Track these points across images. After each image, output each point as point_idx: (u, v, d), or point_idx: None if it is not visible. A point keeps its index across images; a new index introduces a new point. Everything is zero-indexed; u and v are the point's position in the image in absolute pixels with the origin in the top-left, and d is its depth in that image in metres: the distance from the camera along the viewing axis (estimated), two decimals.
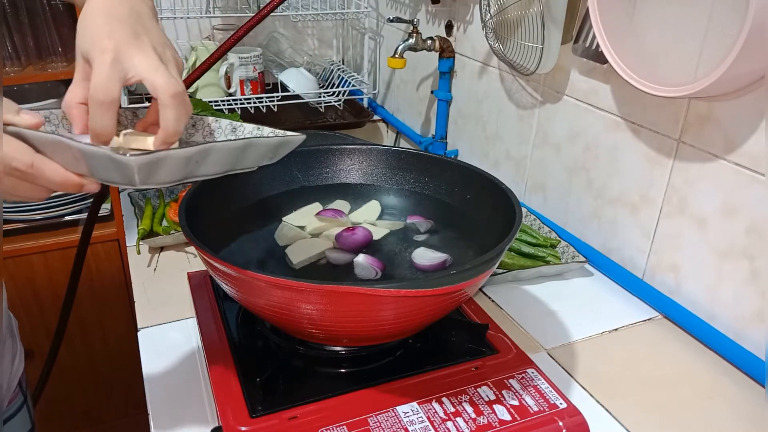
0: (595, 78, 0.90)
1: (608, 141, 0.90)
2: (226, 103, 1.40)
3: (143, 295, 0.85)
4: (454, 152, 1.30)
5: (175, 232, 0.96)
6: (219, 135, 0.61)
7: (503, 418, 0.59)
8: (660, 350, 0.78)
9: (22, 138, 0.46)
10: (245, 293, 0.59)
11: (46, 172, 0.46)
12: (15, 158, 0.45)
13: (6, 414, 0.77)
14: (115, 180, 0.46)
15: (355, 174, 0.84)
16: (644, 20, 0.76)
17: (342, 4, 1.54)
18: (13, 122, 0.46)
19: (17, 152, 0.45)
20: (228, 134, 0.61)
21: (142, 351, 0.74)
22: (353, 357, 0.67)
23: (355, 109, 1.58)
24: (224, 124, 0.62)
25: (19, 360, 0.78)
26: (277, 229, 0.76)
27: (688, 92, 0.67)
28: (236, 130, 0.61)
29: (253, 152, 0.54)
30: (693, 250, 0.79)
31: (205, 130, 0.62)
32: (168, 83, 0.48)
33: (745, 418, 0.67)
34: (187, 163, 0.48)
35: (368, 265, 0.68)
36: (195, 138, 0.62)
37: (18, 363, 0.78)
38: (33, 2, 1.27)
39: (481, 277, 0.57)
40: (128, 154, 0.44)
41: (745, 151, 0.71)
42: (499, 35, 1.01)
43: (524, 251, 0.92)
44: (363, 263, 0.69)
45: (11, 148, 0.45)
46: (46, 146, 0.46)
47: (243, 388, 0.61)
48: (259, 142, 0.53)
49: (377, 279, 0.68)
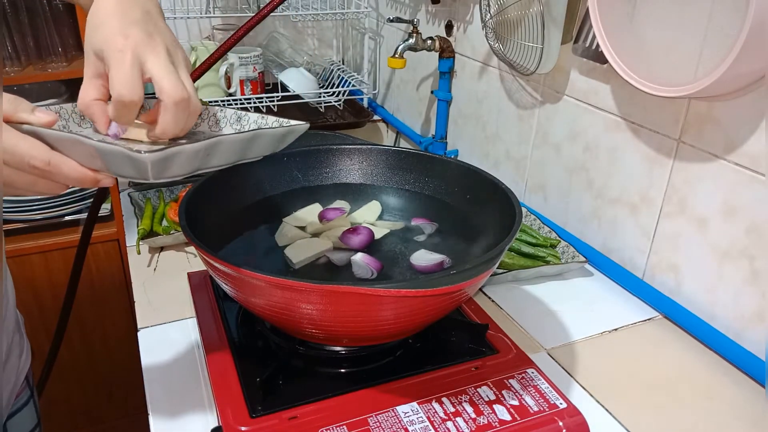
0: (595, 78, 0.90)
1: (608, 141, 0.90)
2: (226, 103, 1.40)
3: (143, 295, 0.85)
4: (454, 152, 1.30)
5: (175, 232, 0.96)
6: (224, 124, 0.62)
7: (503, 418, 0.59)
8: (660, 350, 0.78)
9: (38, 136, 0.46)
10: (245, 293, 0.59)
11: (64, 169, 0.47)
12: (33, 156, 0.45)
13: (14, 407, 0.78)
14: (130, 174, 0.47)
15: (355, 174, 0.84)
16: (644, 20, 0.76)
17: (342, 4, 1.54)
18: (29, 121, 0.47)
19: (34, 150, 0.46)
20: (233, 123, 0.62)
21: (142, 351, 0.74)
22: (353, 357, 0.67)
23: (355, 109, 1.58)
24: (229, 113, 0.62)
25: (26, 355, 0.80)
26: (278, 229, 0.76)
27: (688, 92, 0.67)
28: (241, 119, 0.62)
29: (260, 143, 0.55)
30: (693, 250, 0.79)
31: (210, 119, 0.62)
32: (174, 89, 0.49)
33: (745, 418, 0.67)
34: (197, 156, 0.49)
35: (365, 264, 0.68)
36: (201, 128, 0.62)
37: (25, 358, 0.79)
38: (33, 2, 1.27)
39: (481, 277, 0.57)
40: (142, 151, 0.45)
41: (745, 151, 0.71)
42: (499, 35, 1.01)
43: (524, 251, 0.92)
44: (360, 262, 0.69)
45: (28, 146, 0.45)
46: (62, 144, 0.47)
47: (243, 388, 0.61)
48: (265, 133, 0.55)
49: (373, 279, 0.68)
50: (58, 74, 1.29)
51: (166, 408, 0.65)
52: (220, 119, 0.62)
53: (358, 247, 0.73)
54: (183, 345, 0.75)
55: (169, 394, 0.67)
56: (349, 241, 0.73)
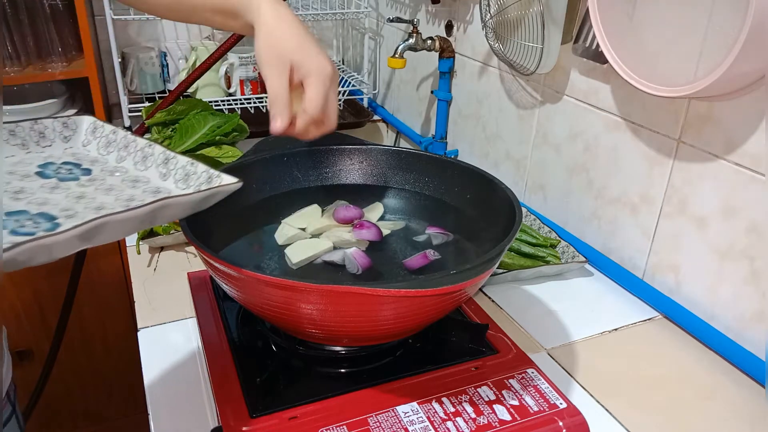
0: (595, 78, 0.90)
1: (608, 141, 0.90)
2: (226, 103, 1.40)
3: (143, 295, 0.85)
4: (454, 152, 1.30)
5: (175, 232, 0.96)
6: (150, 164, 0.59)
7: (503, 418, 0.59)
8: (660, 350, 0.78)
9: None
10: (245, 293, 0.59)
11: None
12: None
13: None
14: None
15: (355, 174, 0.84)
16: (644, 20, 0.76)
17: (342, 4, 1.54)
18: None
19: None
20: (159, 165, 0.58)
21: (142, 351, 0.74)
22: (353, 357, 0.67)
23: (355, 109, 1.58)
24: (158, 152, 0.58)
25: (7, 368, 0.76)
26: (278, 229, 0.76)
27: (688, 92, 0.67)
28: (168, 162, 0.58)
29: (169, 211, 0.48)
30: (693, 250, 0.79)
31: (137, 155, 0.59)
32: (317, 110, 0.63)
33: (745, 418, 0.67)
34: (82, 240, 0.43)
35: (352, 259, 0.68)
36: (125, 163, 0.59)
37: (6, 371, 0.75)
38: (33, 2, 1.27)
39: (481, 277, 0.57)
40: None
41: (745, 151, 0.71)
42: (499, 35, 1.01)
43: (524, 251, 0.92)
44: (349, 256, 0.68)
45: None
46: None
47: (243, 388, 0.61)
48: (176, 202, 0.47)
49: (359, 275, 0.68)
50: (58, 74, 1.29)
51: (166, 408, 0.65)
52: (147, 156, 0.59)
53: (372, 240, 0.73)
54: (183, 345, 0.75)
55: (169, 394, 0.67)
56: (363, 236, 0.73)
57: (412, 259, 0.70)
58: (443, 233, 0.75)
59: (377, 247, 0.73)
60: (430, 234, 0.75)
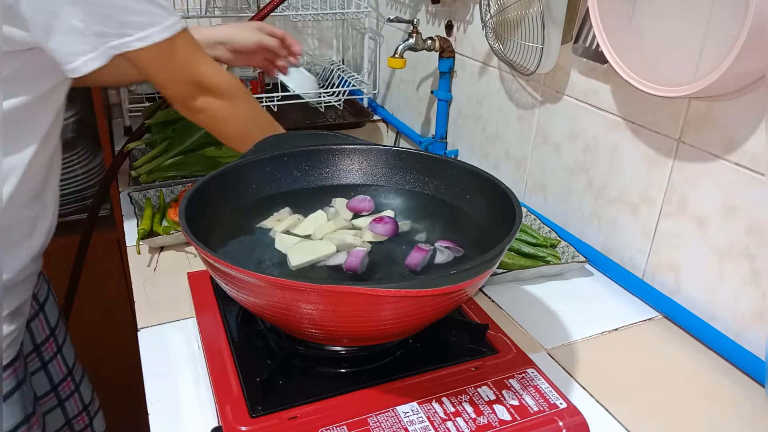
0: (595, 78, 0.90)
1: (608, 141, 0.90)
2: None
3: (143, 295, 0.85)
4: (454, 152, 1.30)
5: (175, 232, 0.96)
6: None
7: (503, 418, 0.59)
8: (660, 350, 0.78)
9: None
10: (245, 293, 0.59)
11: None
12: None
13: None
14: None
15: (355, 174, 0.84)
16: (644, 20, 0.76)
17: (342, 4, 1.54)
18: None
19: None
20: None
21: (142, 351, 0.74)
22: (353, 357, 0.67)
23: (355, 109, 1.58)
24: None
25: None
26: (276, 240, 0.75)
27: (688, 92, 0.67)
28: None
29: None
30: (693, 250, 0.79)
31: None
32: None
33: (745, 418, 0.67)
34: None
35: (353, 259, 0.68)
36: None
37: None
38: None
39: (481, 277, 0.57)
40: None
41: (745, 151, 0.71)
42: (499, 35, 1.01)
43: (524, 251, 0.92)
44: (349, 256, 0.68)
45: None
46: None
47: (243, 388, 0.61)
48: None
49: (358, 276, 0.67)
50: None
51: (166, 408, 0.65)
52: None
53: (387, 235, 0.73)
54: (183, 345, 0.75)
55: (169, 394, 0.67)
56: (378, 231, 0.73)
57: (410, 257, 0.69)
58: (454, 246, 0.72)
59: (378, 248, 0.73)
60: (437, 247, 0.72)
